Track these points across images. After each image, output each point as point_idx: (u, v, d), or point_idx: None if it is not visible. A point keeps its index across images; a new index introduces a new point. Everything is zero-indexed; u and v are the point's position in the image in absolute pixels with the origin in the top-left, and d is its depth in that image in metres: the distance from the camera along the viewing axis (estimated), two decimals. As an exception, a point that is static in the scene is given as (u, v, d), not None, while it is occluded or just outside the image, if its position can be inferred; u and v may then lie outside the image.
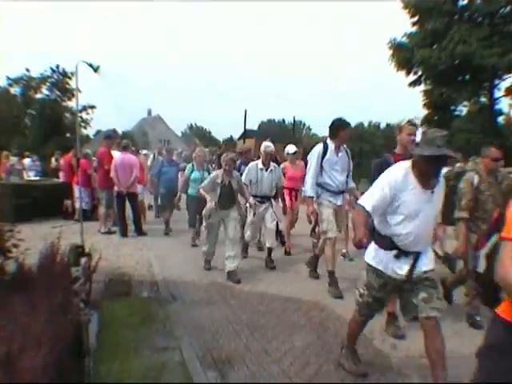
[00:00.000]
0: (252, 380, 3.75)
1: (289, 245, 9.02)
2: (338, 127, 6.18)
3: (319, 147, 6.29)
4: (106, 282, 6.09)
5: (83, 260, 4.92)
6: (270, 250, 7.74)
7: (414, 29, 29.89)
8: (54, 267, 4.36)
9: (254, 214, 7.66)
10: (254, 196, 7.71)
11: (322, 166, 6.23)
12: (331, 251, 6.29)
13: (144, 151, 18.95)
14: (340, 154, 6.30)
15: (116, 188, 10.21)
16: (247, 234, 7.95)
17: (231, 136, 75.80)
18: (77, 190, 10.84)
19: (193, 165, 9.29)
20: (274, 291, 6.22)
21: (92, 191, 11.55)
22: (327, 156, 6.21)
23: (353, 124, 74.77)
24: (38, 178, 15.60)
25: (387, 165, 4.33)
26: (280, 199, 8.50)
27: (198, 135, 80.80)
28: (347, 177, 6.50)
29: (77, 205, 11.52)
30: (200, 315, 5.23)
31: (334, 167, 6.25)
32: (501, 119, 31.38)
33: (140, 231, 10.42)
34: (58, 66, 39.00)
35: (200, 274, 7.06)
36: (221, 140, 70.55)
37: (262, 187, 7.77)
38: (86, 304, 4.17)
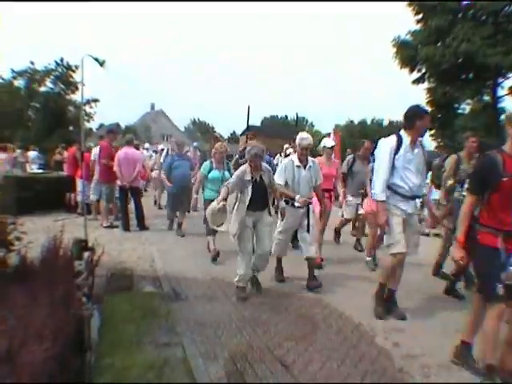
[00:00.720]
0: (254, 377, 3.75)
1: (320, 256, 7.52)
2: (414, 116, 5.14)
3: (391, 140, 5.20)
4: (108, 276, 6.09)
5: (86, 254, 4.91)
6: (311, 261, 6.38)
7: (418, 26, 29.86)
8: (56, 261, 4.35)
9: (284, 220, 6.33)
10: (291, 199, 6.30)
11: (393, 164, 5.16)
12: (390, 267, 5.30)
13: (147, 145, 18.76)
14: (416, 151, 5.22)
15: (119, 182, 10.22)
16: (275, 248, 6.48)
17: (234, 131, 75.91)
18: (80, 184, 10.86)
19: (211, 162, 8.24)
20: (276, 288, 6.21)
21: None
22: (401, 152, 5.13)
23: (356, 121, 75.26)
24: (40, 170, 15.60)
25: (493, 165, 3.81)
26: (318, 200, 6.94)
27: (201, 130, 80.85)
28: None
29: (79, 198, 11.55)
30: (202, 311, 5.21)
31: (408, 166, 5.15)
32: (503, 117, 31.30)
33: (142, 226, 10.40)
34: (62, 60, 38.92)
35: (202, 269, 7.04)
36: (224, 136, 70.70)
37: (300, 188, 6.33)
38: (88, 298, 4.16)
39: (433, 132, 33.03)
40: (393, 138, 5.19)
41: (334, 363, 4.04)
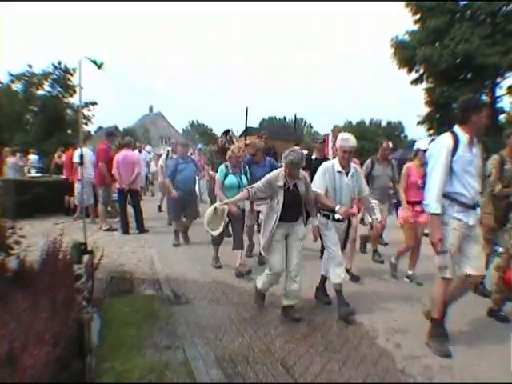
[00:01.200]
0: (255, 379, 3.73)
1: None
2: (470, 108, 4.43)
3: (447, 139, 4.43)
4: (108, 279, 6.07)
5: (86, 257, 4.90)
6: (325, 279, 5.78)
7: (416, 27, 29.96)
8: (56, 264, 4.34)
9: (326, 235, 5.47)
10: (331, 211, 5.34)
11: (450, 167, 4.38)
12: (441, 294, 4.48)
13: (148, 147, 18.62)
14: (474, 150, 4.45)
15: (118, 185, 10.21)
16: (337, 273, 5.32)
17: (232, 133, 76.01)
18: (78, 187, 10.84)
19: (226, 166, 7.22)
20: (277, 290, 6.17)
21: (94, 188, 11.50)
22: (459, 152, 4.35)
23: (354, 122, 75.26)
24: (40, 174, 15.59)
25: None
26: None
27: (200, 132, 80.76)
28: None
29: (78, 201, 11.54)
30: (203, 314, 5.20)
31: (468, 168, 4.38)
32: (502, 117, 31.41)
33: (142, 228, 10.38)
34: (60, 63, 38.87)
35: (203, 271, 7.03)
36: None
37: (342, 198, 5.44)
38: (88, 302, 4.15)
39: (431, 132, 33.14)
40: (448, 137, 4.43)
41: (335, 365, 4.03)
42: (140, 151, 15.58)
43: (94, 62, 6.16)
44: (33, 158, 19.42)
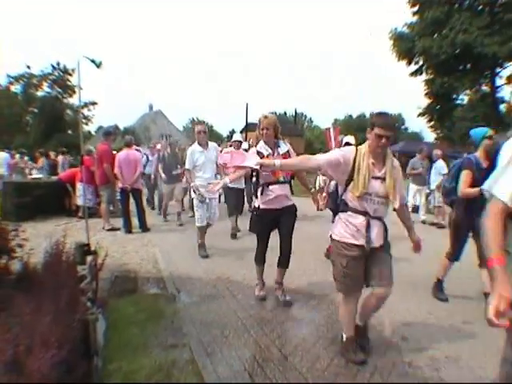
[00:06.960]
0: (263, 377, 3.71)
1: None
2: None
3: None
4: (112, 279, 6.06)
5: (89, 258, 4.88)
6: None
7: (415, 19, 29.89)
8: (59, 266, 4.31)
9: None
10: None
11: None
12: None
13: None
14: None
15: (120, 184, 10.20)
16: None
17: (233, 129, 76.09)
18: (80, 188, 10.83)
19: None
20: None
21: (96, 188, 11.47)
22: None
23: (354, 115, 75.27)
24: (41, 175, 15.57)
25: None
26: None
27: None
28: None
29: (79, 202, 11.52)
30: (208, 311, 5.17)
31: None
32: (502, 107, 31.37)
33: (145, 227, 10.37)
34: (58, 63, 38.96)
35: (207, 268, 6.98)
36: (223, 134, 70.83)
37: None
38: (92, 302, 4.13)
39: (432, 123, 33.15)
40: None
41: (342, 359, 4.01)
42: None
43: (93, 61, 6.11)
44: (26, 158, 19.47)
